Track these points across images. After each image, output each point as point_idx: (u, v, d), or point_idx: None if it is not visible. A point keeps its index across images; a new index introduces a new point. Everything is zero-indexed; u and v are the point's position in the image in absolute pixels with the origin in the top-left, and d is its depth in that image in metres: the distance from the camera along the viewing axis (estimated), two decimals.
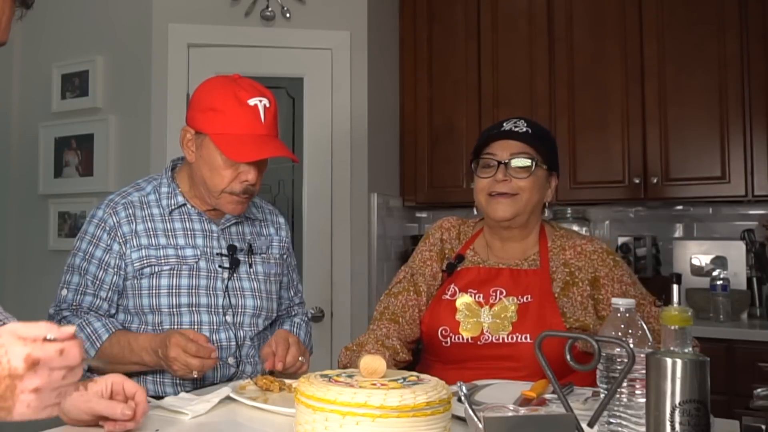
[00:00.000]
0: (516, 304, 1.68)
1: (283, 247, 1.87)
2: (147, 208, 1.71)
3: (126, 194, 1.74)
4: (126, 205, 1.70)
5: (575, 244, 1.77)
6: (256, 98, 1.61)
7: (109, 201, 1.72)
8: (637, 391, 1.05)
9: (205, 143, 1.64)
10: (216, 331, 1.67)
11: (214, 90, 1.65)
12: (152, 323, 1.65)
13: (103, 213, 1.70)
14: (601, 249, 1.76)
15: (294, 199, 3.17)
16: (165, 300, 1.65)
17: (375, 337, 1.72)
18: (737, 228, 3.13)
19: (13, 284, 3.29)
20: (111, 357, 1.58)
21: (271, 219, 1.88)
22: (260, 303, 1.74)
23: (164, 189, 1.74)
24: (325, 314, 3.13)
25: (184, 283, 1.66)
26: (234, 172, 1.63)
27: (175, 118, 2.99)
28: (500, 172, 1.72)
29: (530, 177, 1.72)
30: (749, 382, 2.48)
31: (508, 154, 1.73)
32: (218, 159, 1.62)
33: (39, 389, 0.82)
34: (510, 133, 1.73)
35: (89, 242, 1.69)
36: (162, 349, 1.50)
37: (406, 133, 3.57)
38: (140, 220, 1.69)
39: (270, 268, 1.80)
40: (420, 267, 1.84)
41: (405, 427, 1.02)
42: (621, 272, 1.73)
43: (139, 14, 3.08)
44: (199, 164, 1.66)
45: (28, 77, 3.37)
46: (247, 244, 1.76)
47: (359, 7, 3.24)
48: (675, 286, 1.03)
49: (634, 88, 3.14)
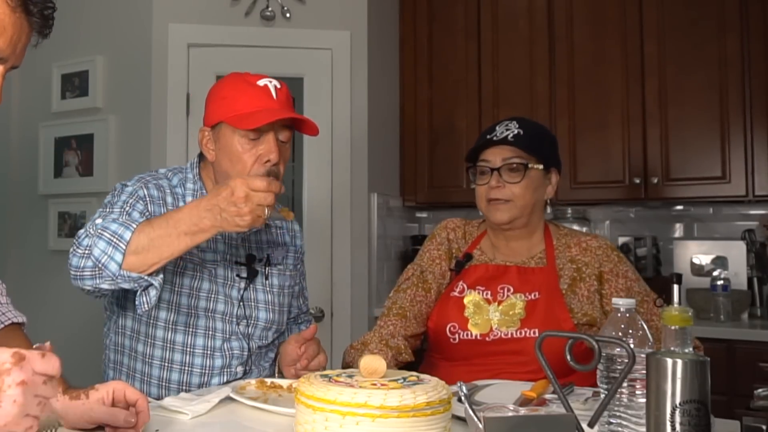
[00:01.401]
0: (524, 301, 1.71)
1: (298, 257, 1.85)
2: (174, 198, 1.65)
3: (156, 177, 1.66)
4: (157, 186, 1.63)
5: (580, 240, 1.81)
6: (265, 79, 1.60)
7: (140, 178, 1.64)
8: (637, 392, 1.05)
9: (221, 133, 1.60)
10: (228, 339, 1.65)
11: (223, 83, 1.64)
12: (164, 320, 1.62)
13: (134, 186, 1.61)
14: (606, 245, 1.80)
15: (294, 199, 3.17)
16: (185, 300, 1.61)
17: (380, 336, 1.73)
18: (738, 228, 3.13)
19: (13, 284, 3.27)
20: (155, 239, 1.38)
21: (287, 226, 1.84)
22: (273, 317, 1.72)
23: (190, 185, 1.68)
24: (325, 314, 3.13)
25: (205, 286, 1.63)
26: (254, 155, 1.57)
27: (175, 118, 2.99)
28: (494, 179, 1.75)
29: (523, 181, 1.74)
30: (750, 382, 2.47)
31: (500, 160, 1.75)
32: (236, 144, 1.57)
33: (24, 383, 0.82)
34: (500, 140, 1.75)
35: (125, 202, 1.56)
36: (224, 197, 1.35)
37: (406, 133, 3.57)
38: (167, 207, 1.61)
39: (285, 281, 1.78)
40: (429, 265, 1.86)
41: (405, 427, 1.02)
42: (626, 268, 1.77)
43: (139, 14, 3.08)
44: (220, 158, 1.61)
45: (28, 77, 3.36)
46: (266, 255, 1.74)
47: (359, 7, 3.24)
48: (675, 286, 1.03)
49: (634, 88, 3.13)
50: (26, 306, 1.46)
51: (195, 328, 1.63)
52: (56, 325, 2.47)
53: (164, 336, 1.62)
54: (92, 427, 1.18)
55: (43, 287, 3.18)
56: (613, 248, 1.80)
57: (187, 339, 1.63)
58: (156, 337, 1.62)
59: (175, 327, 1.62)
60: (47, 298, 3.08)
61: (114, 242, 1.38)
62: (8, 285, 1.46)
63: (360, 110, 3.21)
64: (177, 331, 1.62)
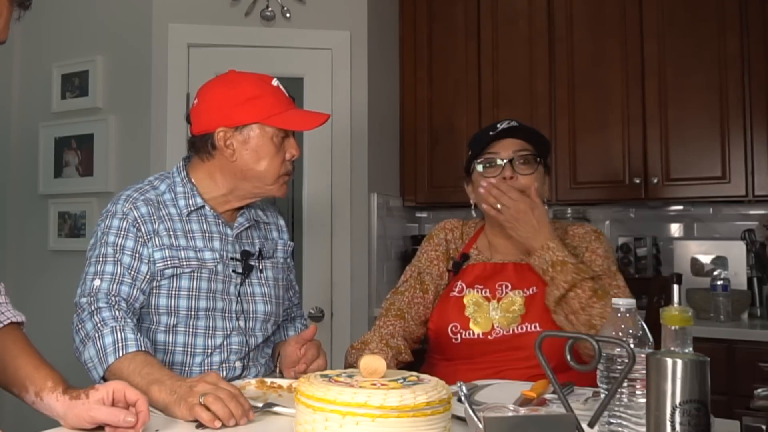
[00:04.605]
0: (522, 297, 1.72)
1: (287, 251, 1.87)
2: (164, 207, 1.67)
3: (142, 191, 1.68)
4: (145, 201, 1.65)
5: (568, 230, 1.85)
6: (272, 79, 1.70)
7: (127, 196, 1.66)
8: (637, 392, 1.05)
9: (252, 134, 1.64)
10: (228, 336, 1.66)
11: (240, 83, 1.66)
12: (165, 324, 1.62)
13: (123, 207, 1.63)
14: (591, 230, 1.85)
15: (294, 199, 3.17)
16: (184, 302, 1.62)
17: (380, 335, 1.74)
18: (738, 228, 3.13)
19: (13, 284, 3.28)
20: (119, 371, 1.42)
21: (274, 222, 1.88)
22: (270, 308, 1.74)
23: (180, 189, 1.69)
24: (325, 314, 3.13)
25: (204, 286, 1.64)
26: (282, 154, 1.67)
27: (175, 118, 2.99)
28: (507, 170, 1.75)
29: (534, 173, 1.76)
30: (750, 382, 2.48)
31: (512, 151, 1.76)
32: (270, 144, 1.65)
33: None
34: (511, 131, 1.77)
35: (116, 234, 1.61)
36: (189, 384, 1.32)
37: (406, 133, 3.57)
38: (159, 220, 1.64)
39: (278, 273, 1.80)
40: (427, 266, 1.86)
41: (405, 427, 1.02)
42: (597, 245, 1.80)
43: (139, 14, 3.08)
44: (246, 158, 1.65)
45: (28, 77, 3.37)
46: (258, 249, 1.76)
47: (359, 7, 3.24)
48: (675, 286, 1.03)
49: (634, 88, 3.13)
50: (26, 306, 1.46)
51: (195, 328, 1.63)
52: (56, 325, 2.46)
53: (165, 339, 1.63)
54: (92, 427, 1.18)
55: (43, 287, 3.18)
56: (595, 231, 1.84)
57: (187, 340, 1.63)
58: (157, 341, 1.62)
59: (175, 329, 1.63)
60: (47, 298, 3.08)
61: (100, 358, 1.46)
62: (8, 285, 1.46)
63: (360, 110, 3.21)
64: (177, 333, 1.63)
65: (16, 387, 1.28)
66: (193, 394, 1.28)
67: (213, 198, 1.71)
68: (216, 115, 1.65)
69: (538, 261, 1.68)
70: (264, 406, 1.33)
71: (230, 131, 1.65)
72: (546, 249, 1.67)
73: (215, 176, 1.70)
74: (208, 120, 1.67)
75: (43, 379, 1.25)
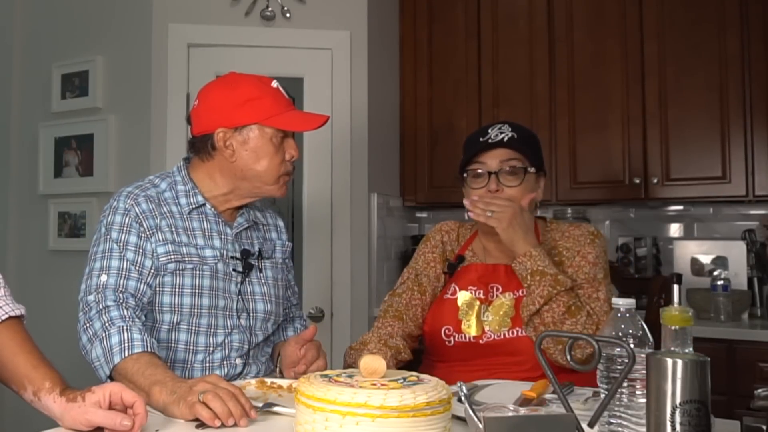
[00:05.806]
0: (512, 299, 1.72)
1: (286, 251, 1.88)
2: (165, 204, 1.68)
3: (143, 188, 1.69)
4: (146, 198, 1.66)
5: (564, 230, 1.82)
6: (272, 81, 1.71)
7: (128, 193, 1.67)
8: (637, 392, 1.05)
9: (252, 135, 1.65)
10: (230, 334, 1.67)
11: (240, 85, 1.68)
12: (168, 322, 1.62)
13: (124, 203, 1.64)
14: (587, 232, 1.80)
15: (294, 199, 3.17)
16: (188, 300, 1.62)
17: (378, 336, 1.74)
18: (738, 228, 3.13)
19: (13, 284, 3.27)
20: (124, 371, 1.43)
21: (273, 223, 1.89)
22: (270, 307, 1.75)
23: (181, 187, 1.71)
24: (325, 314, 3.13)
25: (206, 284, 1.64)
26: (282, 154, 1.69)
27: (175, 118, 2.99)
28: (492, 182, 1.75)
29: (521, 184, 1.74)
30: (750, 382, 2.48)
31: (498, 162, 1.75)
32: (269, 145, 1.66)
33: None
34: (497, 143, 1.75)
35: (119, 230, 1.62)
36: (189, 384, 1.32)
37: (406, 133, 3.57)
38: (161, 216, 1.66)
39: (277, 273, 1.80)
40: (424, 268, 1.87)
41: (405, 427, 1.02)
42: (590, 250, 1.76)
43: (139, 14, 3.08)
44: (246, 159, 1.66)
45: (28, 77, 3.37)
46: (257, 249, 1.77)
47: (359, 7, 3.23)
48: (675, 286, 1.03)
49: (634, 88, 3.13)
50: (26, 306, 1.46)
51: (198, 326, 1.64)
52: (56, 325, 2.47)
53: (168, 337, 1.63)
54: (89, 429, 1.18)
55: (43, 287, 3.18)
56: (592, 233, 1.79)
57: (190, 337, 1.64)
58: (160, 339, 1.62)
59: (178, 327, 1.63)
60: (47, 298, 3.08)
61: (107, 357, 1.47)
62: (8, 285, 1.46)
63: (360, 110, 3.21)
64: (180, 331, 1.63)
65: (14, 384, 1.28)
66: (192, 393, 1.28)
67: (213, 197, 1.72)
68: (216, 116, 1.66)
69: (519, 267, 1.68)
70: (264, 406, 1.33)
71: (230, 132, 1.66)
72: (528, 256, 1.66)
73: (215, 176, 1.71)
74: (207, 121, 1.67)
75: (41, 379, 1.25)
